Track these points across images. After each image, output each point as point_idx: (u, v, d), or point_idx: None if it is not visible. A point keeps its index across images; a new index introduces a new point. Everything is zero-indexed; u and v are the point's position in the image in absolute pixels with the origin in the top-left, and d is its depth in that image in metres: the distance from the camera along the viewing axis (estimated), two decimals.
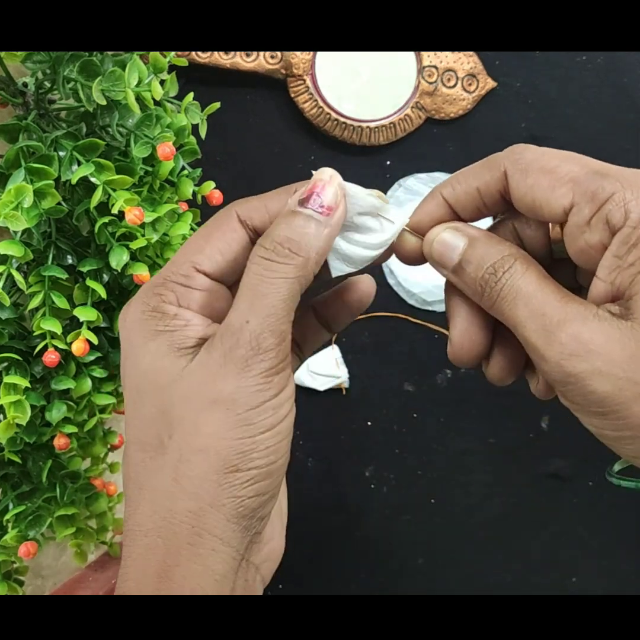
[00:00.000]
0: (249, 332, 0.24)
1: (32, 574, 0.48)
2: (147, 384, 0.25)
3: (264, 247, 0.25)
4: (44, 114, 0.38)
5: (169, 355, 0.25)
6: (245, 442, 0.24)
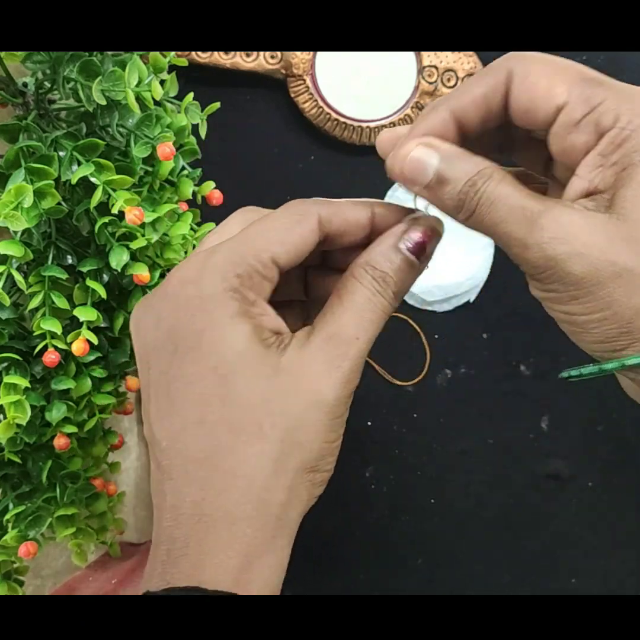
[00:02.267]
0: (358, 349, 0.27)
1: (32, 574, 0.48)
2: (243, 371, 0.25)
3: (374, 276, 0.26)
4: (44, 114, 0.38)
5: (258, 344, 0.25)
6: (330, 447, 0.27)
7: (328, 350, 0.26)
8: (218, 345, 0.25)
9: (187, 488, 0.25)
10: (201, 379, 0.25)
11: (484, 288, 0.53)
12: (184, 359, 0.25)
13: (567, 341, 0.55)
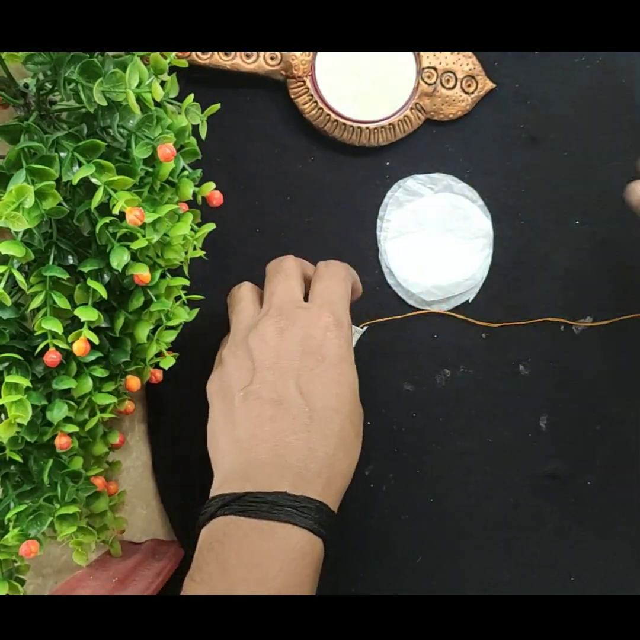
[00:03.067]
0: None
1: (33, 573, 0.48)
2: (356, 394, 0.40)
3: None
4: (45, 115, 0.38)
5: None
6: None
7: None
8: (352, 373, 0.41)
9: (324, 444, 0.37)
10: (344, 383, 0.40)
11: (483, 288, 0.53)
12: (329, 366, 0.39)
13: (566, 341, 0.55)
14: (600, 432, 0.53)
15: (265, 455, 0.35)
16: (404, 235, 0.52)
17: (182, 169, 0.41)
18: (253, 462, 0.36)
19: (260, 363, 0.38)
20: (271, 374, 0.38)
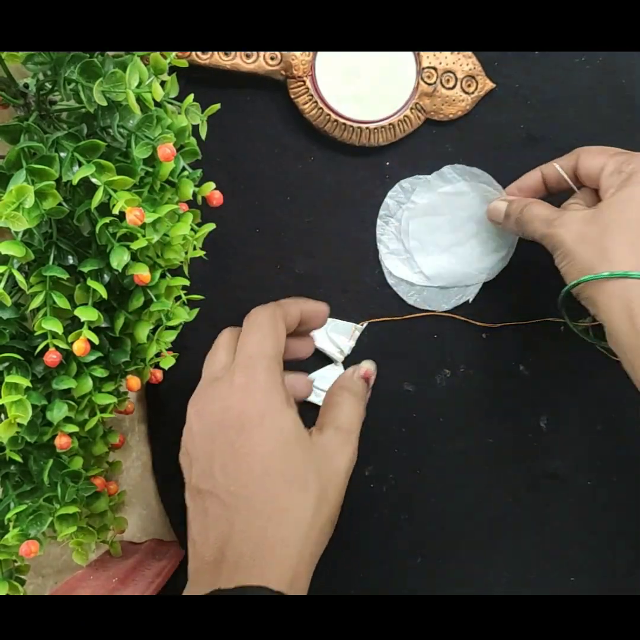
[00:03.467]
0: (356, 436, 0.40)
1: (33, 573, 0.48)
2: (294, 440, 0.36)
3: (350, 391, 0.43)
4: (45, 115, 0.38)
5: (299, 424, 0.37)
6: (339, 507, 0.38)
7: (339, 437, 0.39)
8: (278, 422, 0.36)
9: (255, 519, 0.34)
10: (265, 445, 0.35)
11: (484, 288, 0.53)
12: (250, 433, 0.35)
13: (566, 341, 0.55)
14: (600, 432, 0.53)
15: (209, 554, 0.34)
16: (430, 215, 0.52)
17: (182, 169, 0.41)
18: (201, 565, 0.35)
19: (194, 449, 0.37)
20: (202, 461, 0.36)
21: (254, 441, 0.35)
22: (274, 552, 0.33)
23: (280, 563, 0.33)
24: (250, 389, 0.36)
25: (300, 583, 0.34)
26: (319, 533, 0.35)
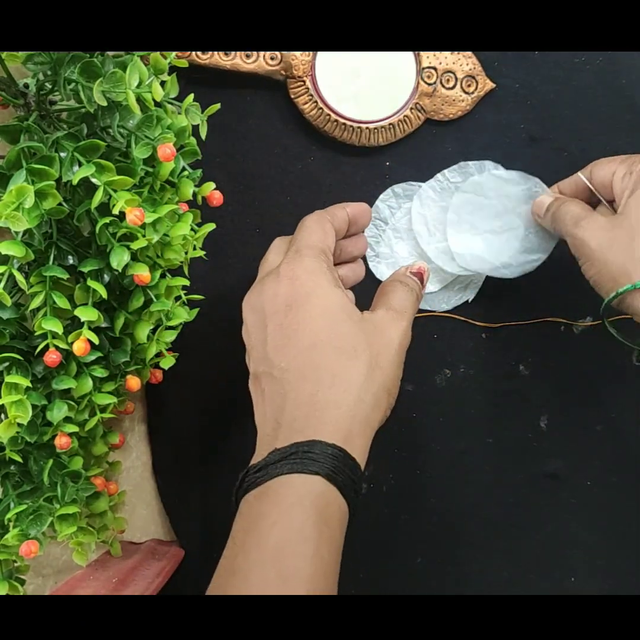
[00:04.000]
0: (408, 316, 0.40)
1: (33, 573, 0.48)
2: (344, 313, 0.37)
3: (404, 283, 0.42)
4: (45, 115, 0.38)
5: (348, 302, 0.38)
6: (396, 377, 0.38)
7: (390, 314, 0.39)
8: (324, 299, 0.37)
9: (305, 385, 0.35)
10: (312, 320, 0.36)
11: (484, 288, 0.53)
12: (297, 311, 0.37)
13: (566, 341, 0.55)
14: (600, 432, 0.53)
15: (269, 428, 0.36)
16: (477, 195, 0.51)
17: (182, 169, 0.41)
18: (262, 439, 0.36)
19: (250, 340, 0.39)
20: (258, 348, 0.38)
21: (301, 318, 0.36)
22: (325, 413, 0.34)
23: (333, 422, 0.34)
24: (295, 274, 0.37)
25: (356, 442, 0.34)
26: (373, 398, 0.36)
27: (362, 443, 0.35)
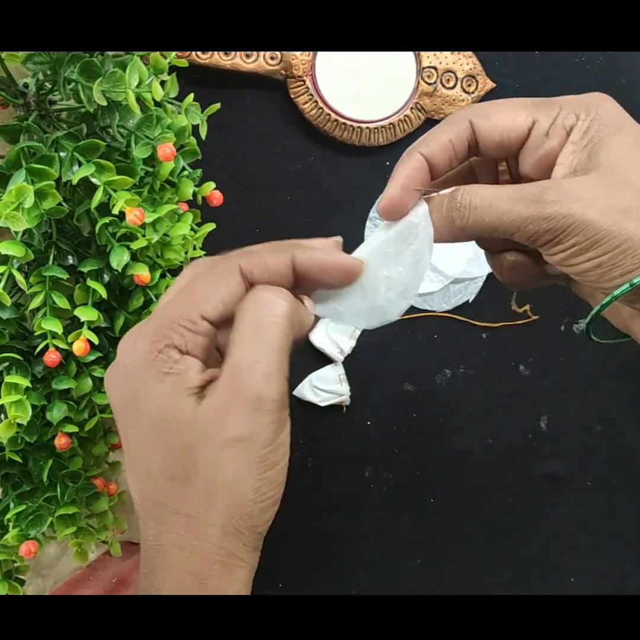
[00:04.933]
0: (260, 373, 0.26)
1: (33, 573, 0.48)
2: (165, 425, 0.27)
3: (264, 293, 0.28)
4: (45, 115, 0.38)
5: (179, 396, 0.27)
6: (260, 480, 0.27)
7: (231, 387, 0.27)
8: (148, 403, 0.27)
9: (150, 524, 0.29)
10: (143, 436, 0.28)
11: (483, 288, 0.53)
12: (131, 419, 0.28)
13: (566, 341, 0.55)
14: (600, 432, 0.53)
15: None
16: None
17: (182, 169, 0.41)
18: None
19: None
20: None
21: (130, 436, 0.28)
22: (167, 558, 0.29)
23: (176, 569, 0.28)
24: (124, 362, 0.29)
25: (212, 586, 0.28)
26: (221, 527, 0.28)
27: (228, 576, 0.28)
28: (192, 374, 0.27)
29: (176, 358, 0.27)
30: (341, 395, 0.52)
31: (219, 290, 0.28)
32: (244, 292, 0.28)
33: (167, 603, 0.26)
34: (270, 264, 0.29)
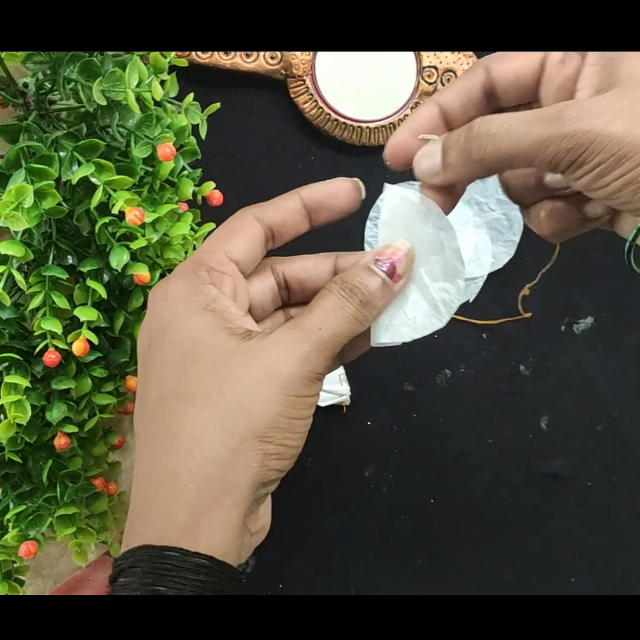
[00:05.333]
0: (320, 336, 0.28)
1: (33, 574, 0.48)
2: (199, 347, 0.28)
3: (342, 287, 0.29)
4: (45, 115, 0.38)
5: (220, 331, 0.28)
6: (284, 421, 0.27)
7: (289, 335, 0.28)
8: (178, 333, 0.28)
9: (144, 456, 0.28)
10: (163, 364, 0.28)
11: (484, 288, 0.53)
12: (152, 351, 0.29)
13: (566, 341, 0.55)
14: (600, 432, 0.53)
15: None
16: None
17: (182, 169, 0.41)
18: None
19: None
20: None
21: (155, 361, 0.28)
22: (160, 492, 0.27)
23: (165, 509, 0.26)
24: (156, 301, 0.29)
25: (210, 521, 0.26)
26: (231, 453, 0.27)
27: (220, 519, 0.26)
28: (232, 315, 0.28)
29: (213, 297, 0.28)
30: (341, 395, 0.52)
31: (239, 234, 0.31)
32: (263, 235, 0.31)
33: (167, 603, 0.26)
34: (281, 206, 0.32)
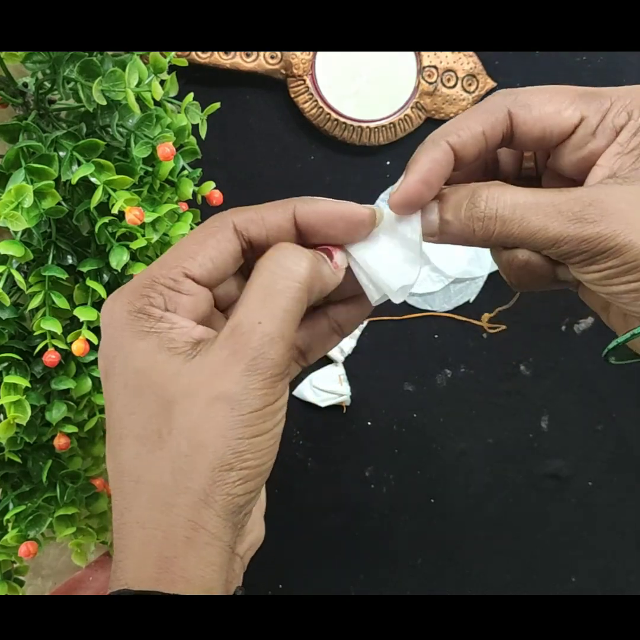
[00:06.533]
0: (261, 334, 0.24)
1: (32, 574, 0.48)
2: (143, 381, 0.25)
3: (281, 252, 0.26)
4: (44, 114, 0.38)
5: (161, 354, 0.25)
6: (243, 443, 0.25)
7: (229, 344, 0.25)
8: (124, 365, 0.26)
9: (116, 499, 0.26)
10: (117, 397, 0.26)
11: (484, 288, 0.53)
12: (108, 381, 0.27)
13: (566, 341, 0.55)
14: (600, 432, 0.53)
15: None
16: None
17: (182, 168, 0.41)
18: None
19: None
20: None
21: (110, 395, 0.26)
22: (130, 539, 0.26)
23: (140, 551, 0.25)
24: (105, 323, 0.27)
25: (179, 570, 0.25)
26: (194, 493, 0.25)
27: (194, 561, 0.25)
28: (177, 333, 0.26)
29: (157, 317, 0.26)
30: (341, 395, 0.52)
31: (205, 247, 0.26)
32: (238, 250, 0.27)
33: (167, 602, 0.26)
34: (268, 219, 0.26)
